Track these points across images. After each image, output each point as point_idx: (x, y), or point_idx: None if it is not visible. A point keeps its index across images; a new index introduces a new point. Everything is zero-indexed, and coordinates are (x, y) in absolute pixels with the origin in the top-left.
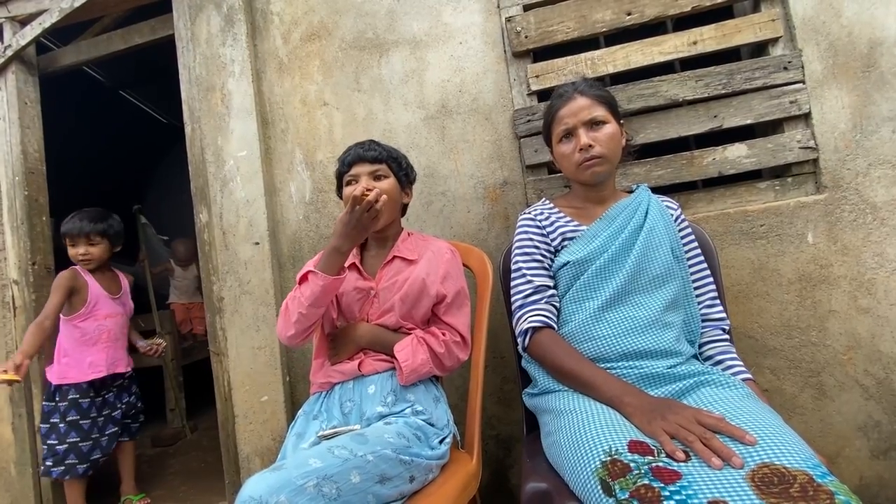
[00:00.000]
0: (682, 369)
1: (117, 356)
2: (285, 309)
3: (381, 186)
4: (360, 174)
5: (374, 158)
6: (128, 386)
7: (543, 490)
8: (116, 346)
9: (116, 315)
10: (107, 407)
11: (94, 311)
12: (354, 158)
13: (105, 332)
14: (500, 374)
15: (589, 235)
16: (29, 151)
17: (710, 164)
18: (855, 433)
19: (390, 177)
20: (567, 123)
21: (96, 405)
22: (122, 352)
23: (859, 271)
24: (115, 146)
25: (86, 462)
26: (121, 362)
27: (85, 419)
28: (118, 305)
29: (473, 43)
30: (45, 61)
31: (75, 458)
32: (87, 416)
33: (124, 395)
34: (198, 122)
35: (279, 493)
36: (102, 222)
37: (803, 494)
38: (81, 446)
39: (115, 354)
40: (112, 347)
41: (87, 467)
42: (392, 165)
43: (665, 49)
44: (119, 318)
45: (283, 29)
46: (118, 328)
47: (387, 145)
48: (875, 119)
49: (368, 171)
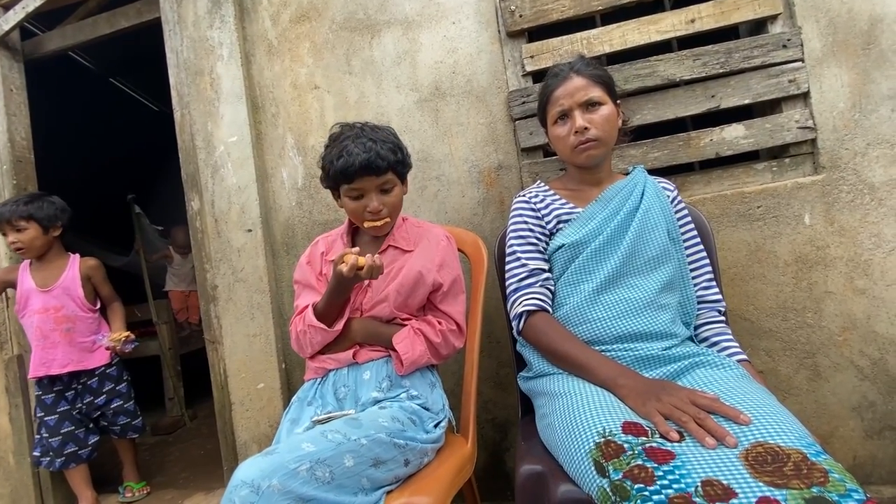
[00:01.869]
0: (677, 351)
1: (49, 356)
2: (297, 339)
3: (391, 201)
4: (368, 189)
5: (384, 169)
6: (97, 385)
7: (538, 472)
8: (46, 344)
9: (47, 311)
10: (73, 403)
11: (28, 308)
12: (360, 170)
13: (34, 329)
14: (497, 359)
15: (584, 218)
16: (16, 139)
17: (707, 145)
18: (849, 413)
19: (396, 185)
20: (562, 105)
21: (63, 400)
22: (55, 351)
23: (856, 252)
24: (109, 134)
25: (60, 455)
26: (55, 363)
27: (50, 415)
28: (51, 299)
29: (467, 23)
30: (29, 46)
31: (52, 452)
32: (53, 412)
33: (87, 395)
34: (187, 107)
35: (271, 476)
36: (27, 205)
37: (797, 472)
38: (51, 441)
39: (47, 354)
40: (42, 347)
41: (63, 461)
42: (398, 168)
43: (662, 27)
44: (49, 314)
45: (272, 10)
46: (47, 326)
47: (386, 136)
48: (874, 98)
49: (377, 185)
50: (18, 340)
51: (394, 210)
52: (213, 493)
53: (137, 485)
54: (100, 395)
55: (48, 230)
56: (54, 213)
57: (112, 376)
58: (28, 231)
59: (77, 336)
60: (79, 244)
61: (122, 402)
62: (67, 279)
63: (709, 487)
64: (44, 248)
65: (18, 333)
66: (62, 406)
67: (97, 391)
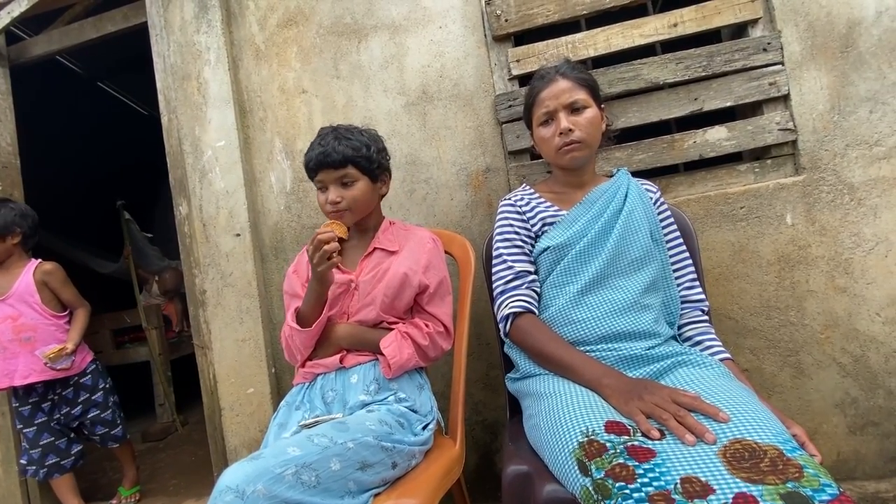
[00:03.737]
0: (661, 350)
1: (10, 367)
2: (287, 346)
3: (351, 194)
4: (327, 182)
5: (339, 162)
6: (72, 395)
7: (524, 472)
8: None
9: (5, 320)
10: (45, 414)
11: None
12: (318, 164)
13: None
14: (486, 361)
15: (568, 220)
16: (1, 145)
17: (690, 147)
18: (832, 410)
19: (360, 179)
20: (548, 106)
21: (44, 411)
22: (16, 361)
23: (837, 251)
24: (97, 139)
25: (43, 466)
26: (16, 374)
27: (28, 427)
28: (7, 308)
29: (453, 27)
30: (15, 51)
31: (34, 462)
32: (31, 423)
33: (63, 406)
34: (174, 111)
35: (256, 481)
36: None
37: (773, 468)
38: (32, 453)
39: (7, 365)
40: (4, 356)
41: (45, 472)
42: (360, 164)
43: (646, 31)
44: (8, 323)
45: (259, 15)
46: (4, 337)
47: (353, 134)
48: (853, 100)
49: (335, 179)
50: None
51: (354, 204)
52: (203, 500)
53: (127, 491)
54: (76, 405)
55: (5, 238)
56: (12, 219)
57: (87, 385)
58: None
59: (38, 345)
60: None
61: (98, 412)
62: (21, 286)
63: (688, 484)
64: (2, 256)
65: None
66: (39, 417)
67: (73, 401)
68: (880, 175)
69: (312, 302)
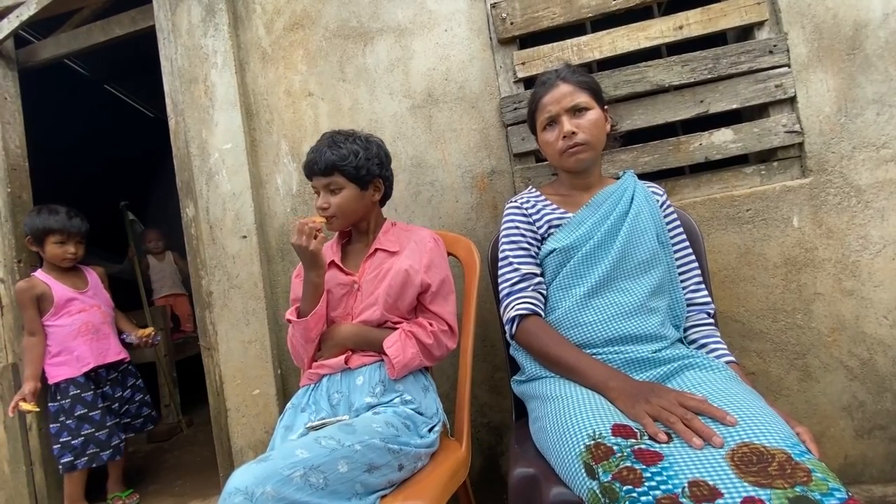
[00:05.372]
0: (667, 353)
1: (104, 346)
2: (293, 347)
3: (336, 201)
4: (318, 187)
5: (325, 170)
6: (122, 380)
7: (531, 475)
8: (99, 336)
9: (91, 308)
10: (106, 399)
11: (67, 309)
12: (308, 171)
13: (81, 325)
14: (492, 363)
15: (575, 223)
16: (10, 148)
17: (696, 149)
18: (839, 413)
19: (345, 188)
20: (550, 111)
21: (100, 396)
22: (109, 341)
23: (844, 254)
24: (104, 141)
25: (108, 448)
26: (110, 351)
27: (94, 410)
28: (89, 298)
29: (459, 30)
30: (24, 55)
31: (95, 447)
32: (95, 407)
33: (118, 389)
34: (181, 114)
35: (265, 483)
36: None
37: (781, 472)
38: (98, 435)
39: (101, 345)
40: (95, 339)
41: (110, 453)
42: (347, 172)
43: (651, 34)
44: (94, 310)
45: (266, 18)
46: (97, 320)
47: (346, 142)
48: (860, 102)
49: (323, 185)
50: (13, 349)
51: (339, 210)
52: (209, 501)
53: (124, 493)
54: (126, 388)
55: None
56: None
57: (132, 371)
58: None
59: (107, 330)
60: None
61: (142, 395)
62: (93, 281)
63: (695, 488)
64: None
65: (13, 342)
66: (101, 403)
67: (124, 385)
68: (888, 177)
69: (310, 292)
